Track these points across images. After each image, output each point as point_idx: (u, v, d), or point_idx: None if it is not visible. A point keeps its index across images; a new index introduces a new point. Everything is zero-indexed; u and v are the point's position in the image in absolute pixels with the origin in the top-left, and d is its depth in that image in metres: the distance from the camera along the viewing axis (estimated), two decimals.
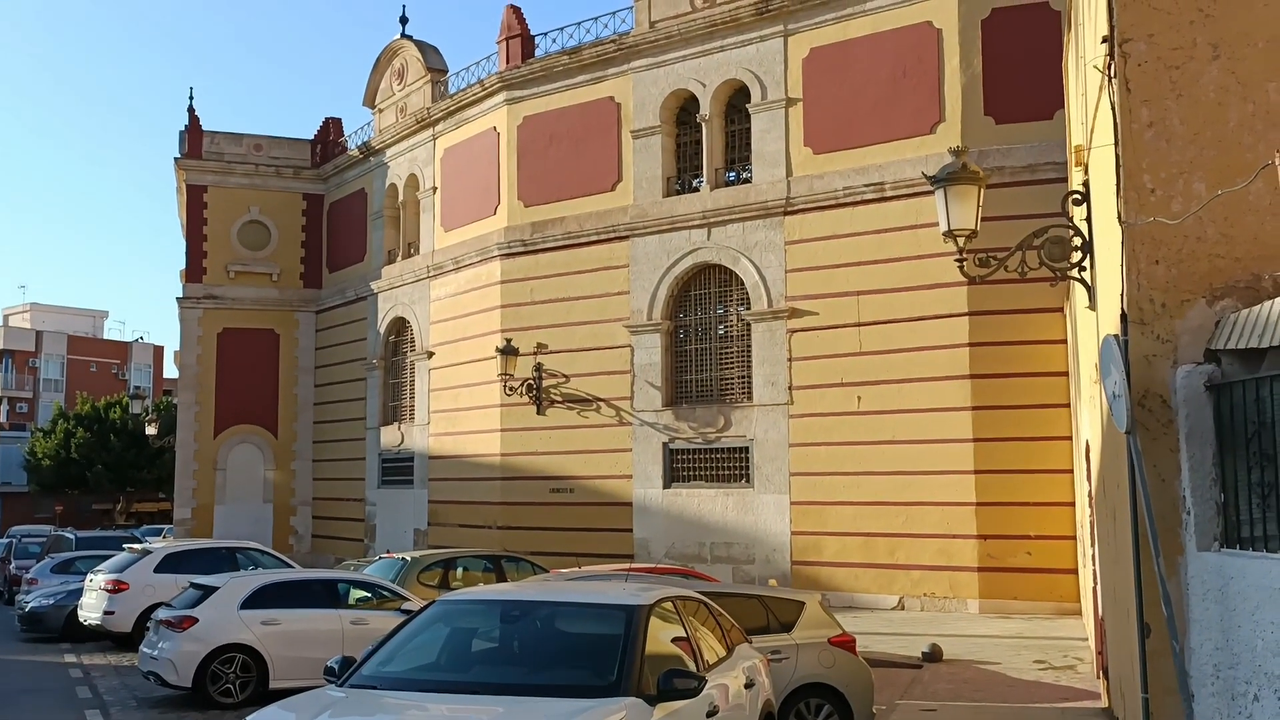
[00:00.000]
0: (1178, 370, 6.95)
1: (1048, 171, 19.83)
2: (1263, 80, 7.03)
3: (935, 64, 21.60)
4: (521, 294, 27.37)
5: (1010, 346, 20.38)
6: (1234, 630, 6.33)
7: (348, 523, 34.43)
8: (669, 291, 25.08)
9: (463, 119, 29.96)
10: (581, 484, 25.97)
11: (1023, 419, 20.19)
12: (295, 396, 36.96)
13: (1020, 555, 20.19)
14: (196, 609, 12.93)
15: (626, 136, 25.97)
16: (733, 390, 24.29)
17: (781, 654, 9.31)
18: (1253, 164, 6.69)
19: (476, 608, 7.01)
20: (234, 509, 35.73)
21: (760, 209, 23.63)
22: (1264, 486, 6.27)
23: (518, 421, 27.01)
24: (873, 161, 22.20)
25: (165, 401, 57.84)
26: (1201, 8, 7.15)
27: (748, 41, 24.15)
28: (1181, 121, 7.13)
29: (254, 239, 36.85)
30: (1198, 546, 6.72)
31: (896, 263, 21.59)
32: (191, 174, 36.52)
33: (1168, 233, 7.03)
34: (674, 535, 24.42)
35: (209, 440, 35.87)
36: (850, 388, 22.06)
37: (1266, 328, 6.39)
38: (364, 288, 34.23)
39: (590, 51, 26.48)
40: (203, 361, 35.97)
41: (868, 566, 21.68)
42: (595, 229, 26.17)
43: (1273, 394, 6.21)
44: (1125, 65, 7.23)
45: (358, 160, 35.26)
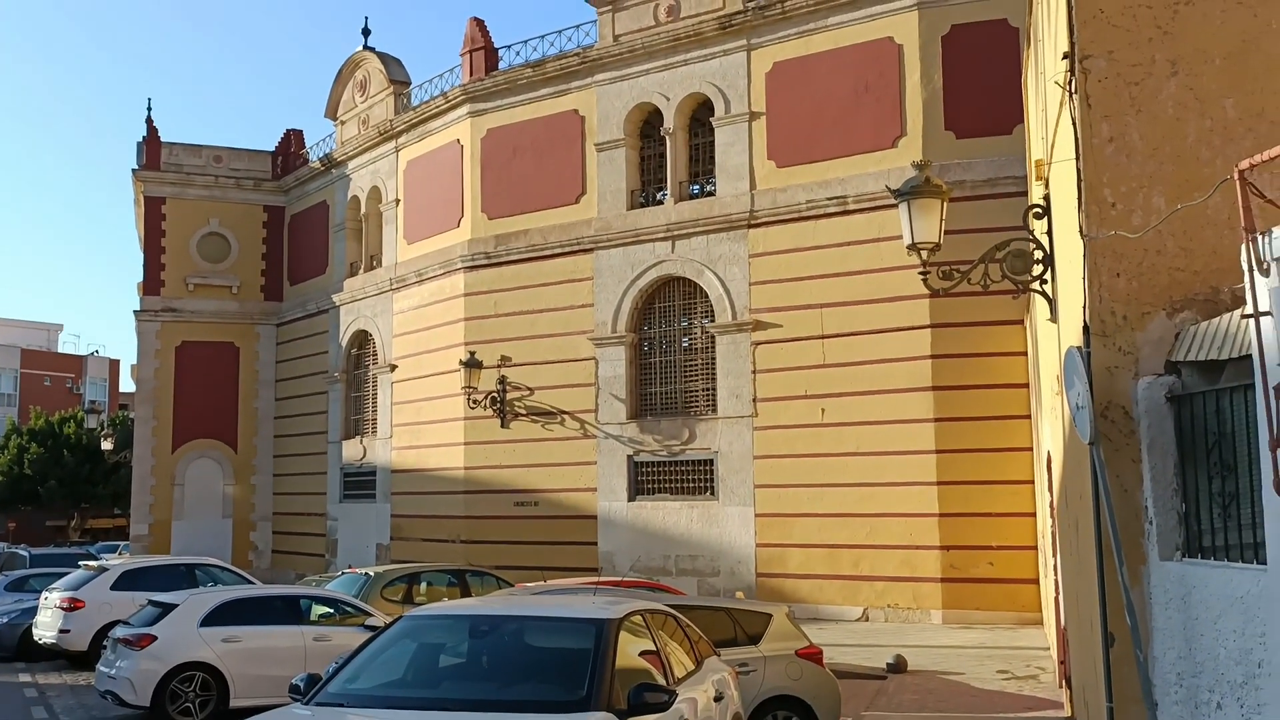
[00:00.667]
0: (1139, 382, 7.03)
1: (1007, 185, 20.07)
2: (1219, 96, 7.15)
3: (896, 79, 21.83)
4: (485, 307, 27.28)
5: (971, 359, 20.58)
6: (1197, 639, 6.40)
7: (309, 538, 34.07)
8: (633, 304, 25.10)
9: (426, 131, 29.86)
10: (546, 497, 25.88)
11: (984, 430, 20.39)
12: (255, 410, 36.55)
13: (982, 566, 20.35)
14: (155, 626, 12.72)
15: (590, 149, 26.00)
16: (697, 403, 24.33)
17: (749, 666, 9.31)
18: (1211, 178, 6.79)
19: (444, 623, 6.94)
20: (192, 525, 35.24)
21: (724, 222, 23.73)
22: (1224, 496, 6.36)
23: (481, 435, 26.88)
24: (835, 175, 22.37)
25: (121, 416, 57.07)
26: (1160, 25, 7.27)
27: (711, 56, 24.28)
28: (1141, 136, 7.23)
29: (214, 251, 36.46)
30: (1160, 556, 6.79)
31: (859, 275, 21.75)
32: (150, 185, 36.10)
33: (1128, 246, 7.12)
34: (639, 548, 24.39)
35: (166, 455, 35.38)
36: (814, 400, 22.17)
37: (1225, 340, 6.48)
38: (326, 300, 33.96)
39: (554, 64, 26.50)
40: (160, 375, 35.50)
41: (832, 578, 21.77)
42: (559, 241, 26.16)
43: (1232, 405, 6.29)
44: (1086, 81, 7.32)
45: (319, 172, 35.02)
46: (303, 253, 36.15)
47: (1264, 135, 6.96)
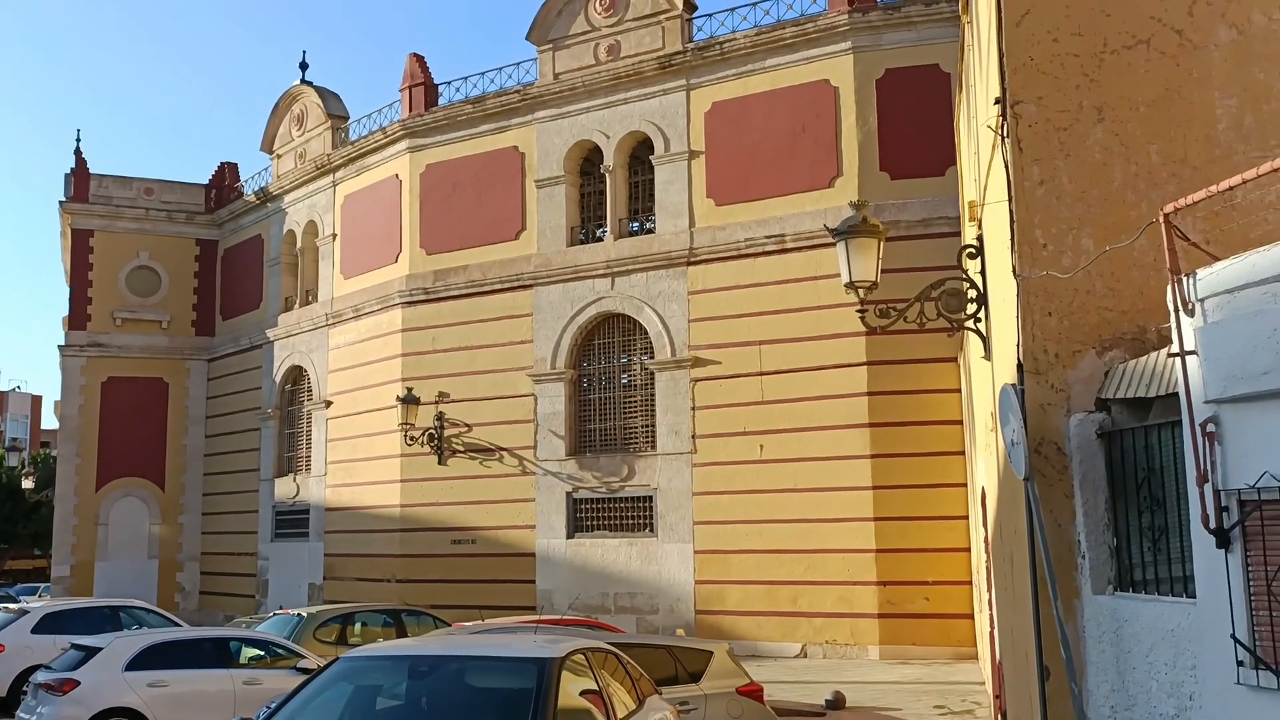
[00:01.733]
0: (1071, 418, 7.18)
1: (941, 225, 20.48)
2: (1144, 142, 7.39)
3: (833, 120, 22.23)
4: (423, 342, 27.08)
5: (907, 396, 20.86)
6: (1129, 672, 6.51)
7: (239, 578, 33.30)
8: (573, 340, 25.08)
9: (364, 166, 29.70)
10: (483, 535, 25.62)
11: (920, 467, 20.64)
12: (184, 447, 35.75)
13: (919, 601, 20.53)
14: (78, 671, 12.32)
15: (530, 186, 26.05)
16: (636, 439, 24.32)
17: (690, 705, 9.26)
18: (1137, 221, 7.01)
19: (381, 664, 6.81)
20: (116, 566, 34.26)
21: (664, 259, 23.87)
22: (1154, 530, 6.50)
23: (418, 472, 26.57)
24: (773, 214, 22.66)
25: (44, 454, 55.46)
26: (1087, 72, 7.51)
27: (651, 95, 24.53)
28: (1070, 180, 7.44)
29: (143, 285, 35.77)
30: (1093, 590, 6.91)
31: (797, 313, 21.99)
32: (77, 218, 35.38)
33: (1059, 286, 7.30)
34: (578, 586, 24.21)
35: (90, 494, 34.42)
36: (753, 436, 22.29)
37: (1152, 378, 6.66)
38: (259, 335, 33.45)
39: (494, 101, 26.57)
40: (85, 412, 34.61)
41: (771, 614, 21.80)
42: (499, 277, 26.10)
43: (1160, 441, 6.46)
44: (1017, 125, 7.53)
45: (254, 206, 34.61)
46: (236, 287, 35.61)
47: (1186, 180, 7.20)
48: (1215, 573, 5.57)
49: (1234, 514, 5.53)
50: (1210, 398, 5.67)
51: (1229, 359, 5.53)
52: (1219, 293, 5.70)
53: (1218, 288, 5.70)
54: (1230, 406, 5.59)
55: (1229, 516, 5.55)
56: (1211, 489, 5.64)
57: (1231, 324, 5.58)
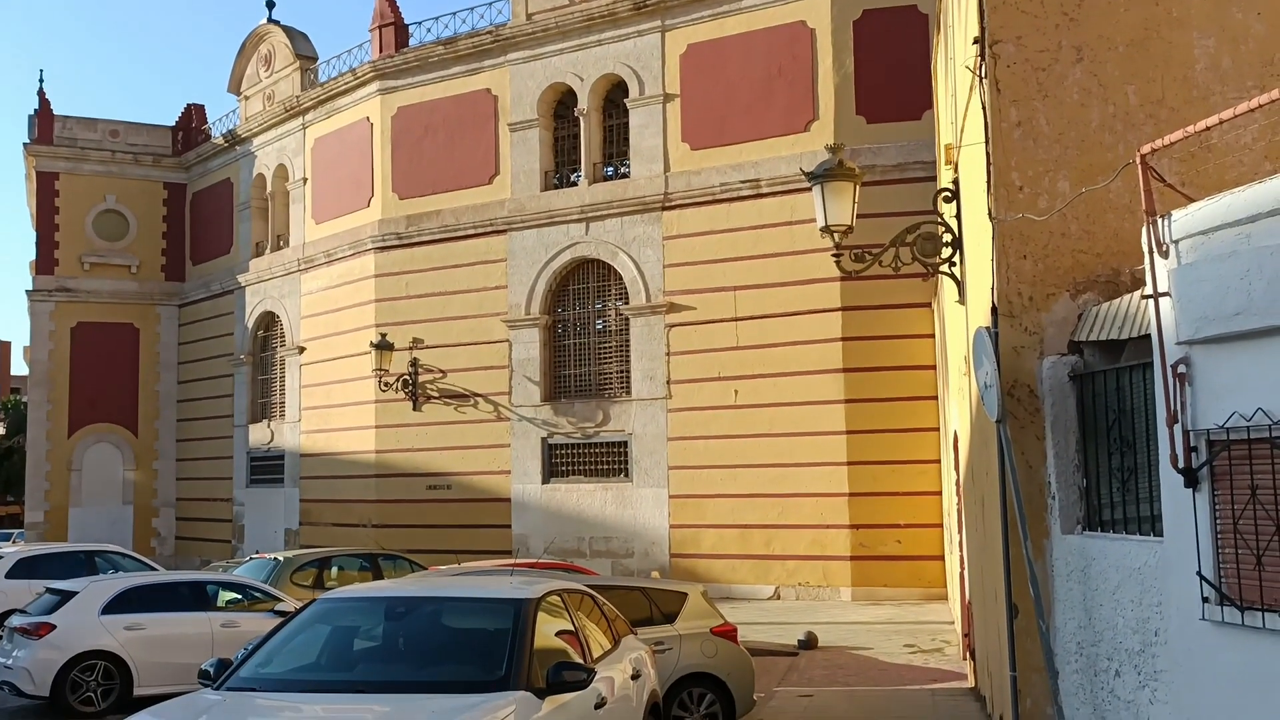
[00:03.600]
0: (1044, 361, 7.23)
1: (917, 170, 20.43)
2: (1121, 83, 7.36)
3: (809, 63, 22.03)
4: (396, 288, 26.89)
5: (881, 341, 20.94)
6: (1096, 609, 6.63)
7: (214, 524, 33.28)
8: (547, 286, 24.97)
9: (334, 108, 29.24)
10: (459, 480, 25.67)
11: (893, 411, 20.79)
12: (157, 394, 35.51)
13: (890, 544, 20.79)
14: (53, 615, 12.30)
15: (504, 129, 25.75)
16: (611, 385, 24.34)
17: (665, 645, 9.37)
18: (1113, 163, 7.00)
19: (359, 605, 6.83)
20: (91, 511, 34.15)
21: (638, 204, 23.73)
22: (1123, 471, 6.58)
23: (393, 418, 26.52)
24: (749, 158, 22.51)
25: (14, 400, 54.97)
26: (1066, 11, 7.45)
27: (625, 36, 24.21)
28: (1047, 121, 7.42)
29: (111, 229, 35.27)
30: (1062, 530, 7.01)
31: (772, 258, 21.95)
32: (42, 160, 34.74)
33: (1034, 229, 7.31)
34: (553, 530, 24.35)
35: (63, 440, 34.20)
36: (727, 382, 22.35)
37: (1125, 320, 6.70)
38: (231, 281, 33.11)
39: (466, 42, 26.15)
40: (55, 357, 34.27)
41: (745, 558, 22.02)
42: (472, 222, 25.88)
43: (1131, 383, 6.51)
44: (995, 66, 7.48)
45: (223, 149, 34.07)
46: (206, 232, 35.16)
47: (1164, 121, 7.20)
48: (1183, 512, 5.64)
49: (1203, 454, 5.59)
50: (1182, 339, 5.71)
51: (1201, 300, 5.56)
52: (1193, 234, 5.72)
53: (1192, 229, 5.71)
54: (1201, 348, 5.63)
55: (1198, 456, 5.61)
56: (1181, 429, 5.69)
57: (1205, 265, 5.60)
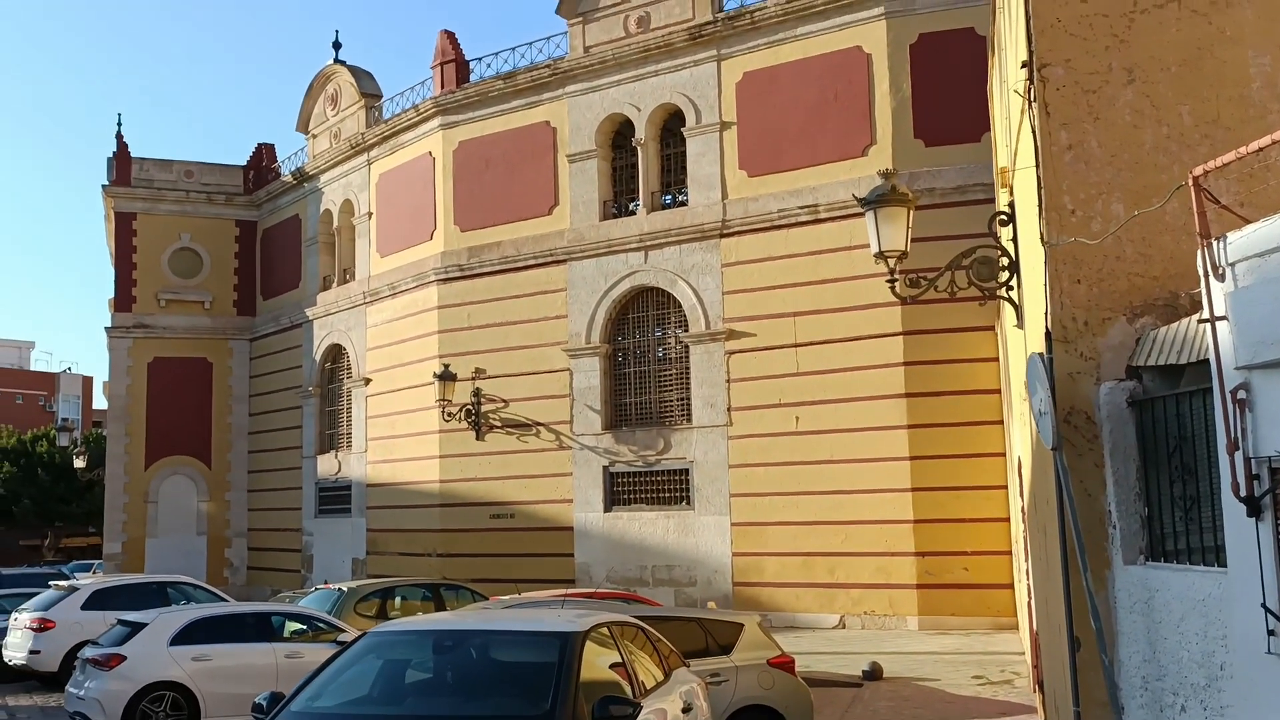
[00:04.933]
0: (1101, 387, 7.07)
1: (977, 192, 20.20)
2: (1175, 103, 7.22)
3: (865, 87, 21.94)
4: (459, 319, 27.21)
5: (944, 365, 20.67)
6: (1160, 642, 6.43)
7: (284, 554, 33.82)
8: (607, 315, 25.08)
9: (397, 144, 29.79)
10: (522, 509, 25.80)
11: (957, 436, 20.46)
12: (229, 426, 36.29)
13: (957, 571, 20.42)
14: (124, 646, 12.59)
15: (562, 160, 26.00)
16: (672, 412, 24.32)
17: (720, 676, 9.29)
18: (1167, 184, 6.85)
19: (408, 638, 6.89)
20: (166, 542, 34.93)
21: (696, 232, 23.77)
22: (1185, 500, 6.40)
23: (456, 447, 26.77)
24: (806, 184, 22.45)
25: (94, 433, 56.54)
26: (1116, 33, 7.33)
27: (681, 66, 24.34)
28: (1099, 144, 7.29)
29: (185, 266, 36.24)
30: (1124, 560, 6.83)
31: (831, 284, 21.82)
32: (120, 201, 35.86)
33: (1088, 252, 7.17)
34: (615, 559, 24.33)
35: (139, 472, 35.07)
36: (788, 408, 22.20)
37: (1184, 344, 6.54)
38: (299, 315, 33.79)
39: (525, 76, 26.50)
40: (132, 392, 35.21)
41: (808, 586, 21.78)
42: (532, 253, 26.13)
43: (1192, 409, 6.34)
44: (1044, 89, 7.38)
45: (291, 186, 34.87)
46: (275, 267, 35.97)
47: (1219, 141, 7.03)
48: (1246, 541, 5.47)
49: (1265, 482, 5.43)
50: (1241, 364, 5.56)
51: (1259, 324, 5.41)
52: (1249, 256, 5.57)
53: (1248, 251, 5.57)
54: (1261, 373, 5.48)
55: (1260, 484, 5.45)
56: (1242, 456, 5.53)
57: (1262, 288, 5.45)
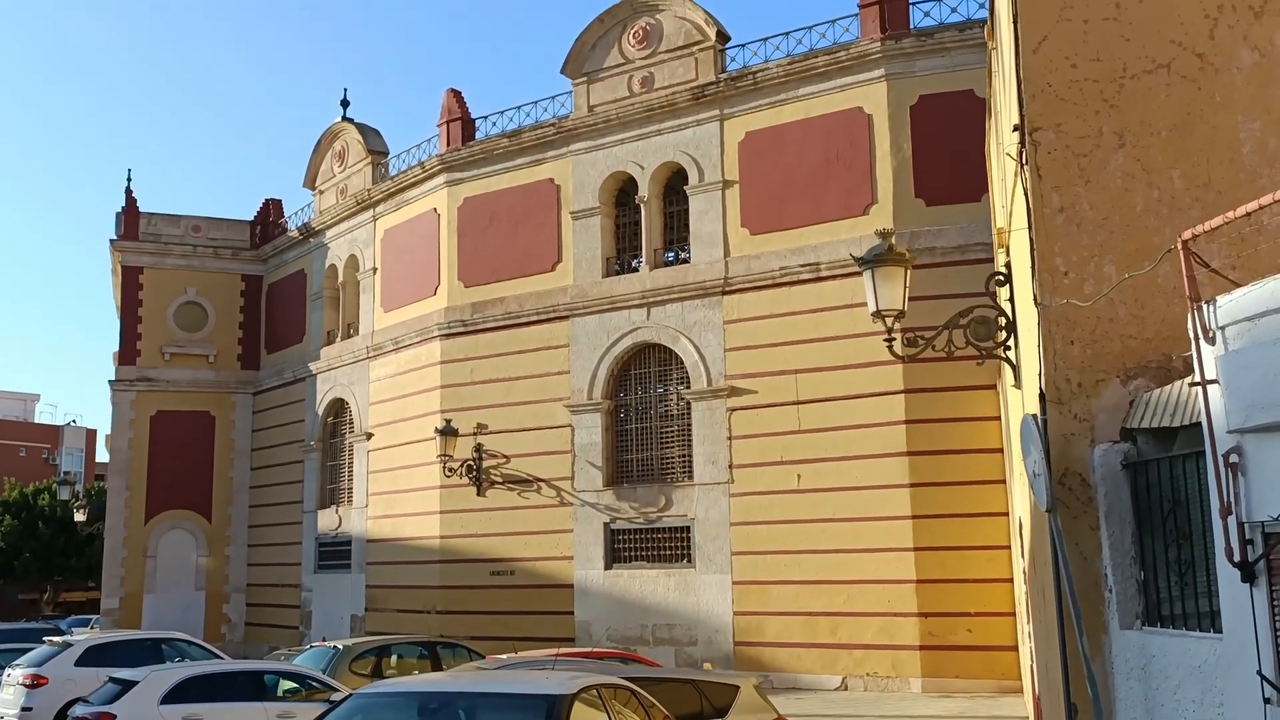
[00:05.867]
0: (1095, 449, 7.05)
1: (977, 252, 20.27)
2: (1165, 167, 7.28)
3: (867, 148, 22.14)
4: (461, 374, 27.24)
5: (946, 424, 20.61)
6: (1158, 708, 6.35)
7: (283, 609, 33.55)
8: (609, 371, 25.10)
9: (403, 200, 30.05)
10: (522, 566, 25.61)
11: (960, 496, 20.34)
12: (230, 480, 36.19)
13: (961, 633, 20.18)
14: (114, 705, 12.45)
15: (566, 217, 26.19)
16: (674, 469, 24.23)
17: None
18: (1159, 247, 6.89)
19: (394, 700, 6.80)
20: (164, 598, 34.67)
21: (699, 289, 23.86)
22: (1181, 564, 6.36)
23: (457, 503, 26.66)
24: (808, 242, 22.57)
25: (97, 487, 56.36)
26: (1106, 98, 7.42)
27: (685, 125, 24.61)
28: (1091, 206, 7.35)
29: (191, 320, 36.39)
30: (1120, 625, 6.76)
31: (833, 341, 21.85)
32: (128, 255, 36.11)
33: (1081, 314, 7.19)
34: (616, 617, 24.10)
35: (139, 526, 34.91)
36: (790, 465, 22.12)
37: (1178, 407, 6.53)
38: (302, 369, 33.85)
39: (530, 134, 26.79)
40: (135, 445, 35.17)
41: (810, 646, 21.53)
42: (535, 309, 26.22)
43: (1186, 472, 6.32)
44: (1036, 152, 7.46)
45: (297, 241, 35.13)
46: (280, 321, 36.12)
47: (1210, 205, 7.08)
48: (1241, 607, 5.43)
49: (1259, 547, 5.40)
50: (1233, 427, 5.55)
51: (1250, 388, 5.41)
52: (1240, 320, 5.59)
53: (1238, 315, 5.59)
54: (1253, 436, 5.46)
55: (1254, 549, 5.41)
56: (1235, 521, 5.51)
57: (1252, 352, 5.46)
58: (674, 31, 25.15)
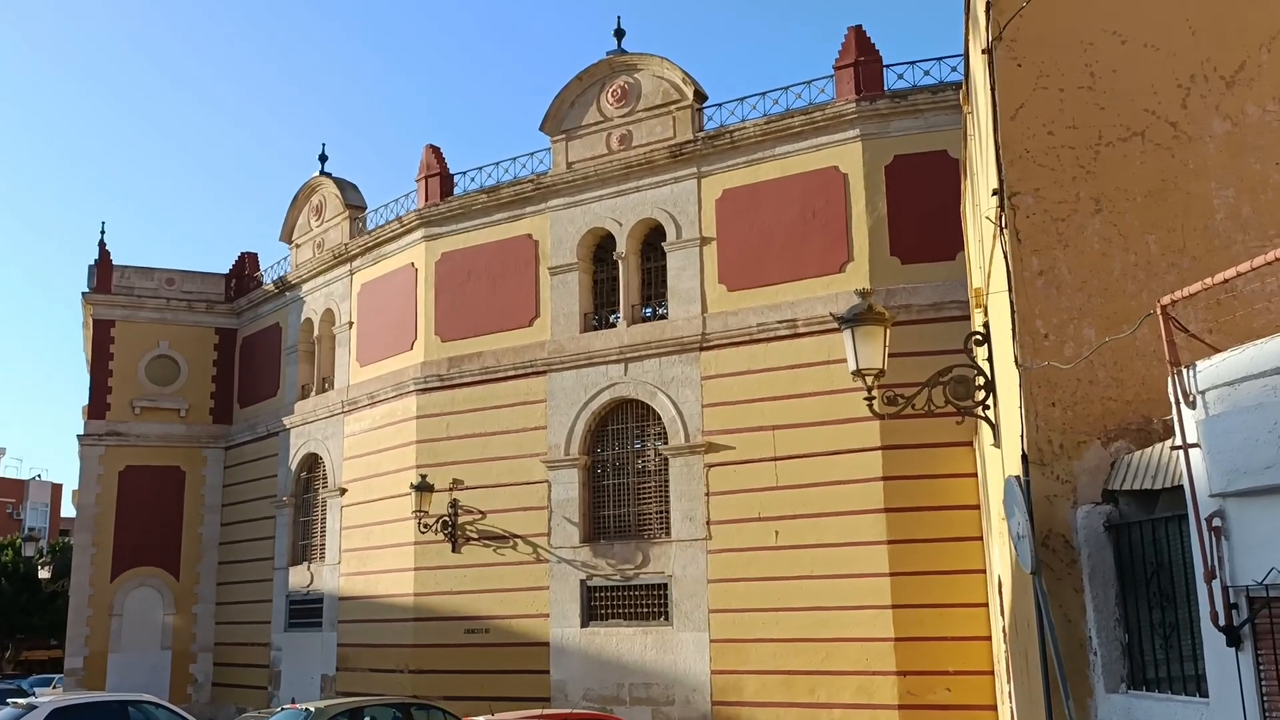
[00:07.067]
0: (1078, 510, 7.09)
1: (953, 309, 20.48)
2: (1142, 232, 7.41)
3: (842, 206, 22.40)
4: (438, 429, 27.09)
5: (922, 480, 20.65)
6: None
7: (251, 669, 32.92)
8: (586, 426, 25.04)
9: (380, 255, 30.07)
10: (497, 624, 25.30)
11: (938, 553, 20.33)
12: (200, 536, 35.66)
13: (940, 691, 20.07)
14: None
15: (544, 273, 26.27)
16: (651, 525, 24.11)
17: None
18: (1137, 311, 6.99)
19: None
20: (129, 657, 33.96)
21: (676, 344, 23.93)
22: (1165, 627, 6.37)
23: (432, 560, 26.37)
24: (785, 299, 22.73)
25: (61, 542, 55.46)
26: (1083, 164, 7.57)
27: (662, 183, 24.83)
28: (1070, 270, 7.46)
29: (163, 374, 36.07)
30: (1106, 688, 6.75)
31: (810, 398, 21.91)
32: (100, 309, 35.84)
33: (1062, 376, 7.27)
34: (592, 676, 23.81)
35: (105, 584, 34.27)
36: (768, 522, 22.06)
37: (1159, 470, 6.58)
38: (276, 423, 33.56)
39: (509, 190, 26.95)
40: (102, 501, 34.63)
41: (789, 706, 21.32)
42: (513, 364, 26.19)
43: (1168, 535, 6.36)
44: (1015, 216, 7.58)
45: (273, 295, 35.01)
46: (254, 375, 35.86)
47: (1186, 270, 7.21)
48: (1226, 671, 5.43)
49: (1243, 611, 5.42)
50: (1215, 491, 5.60)
51: (1231, 452, 5.46)
52: (1219, 385, 5.66)
53: (1218, 380, 5.66)
54: (1235, 501, 5.51)
55: (1238, 614, 5.44)
56: (1220, 585, 5.53)
57: (1233, 417, 5.53)
58: (652, 90, 25.48)
